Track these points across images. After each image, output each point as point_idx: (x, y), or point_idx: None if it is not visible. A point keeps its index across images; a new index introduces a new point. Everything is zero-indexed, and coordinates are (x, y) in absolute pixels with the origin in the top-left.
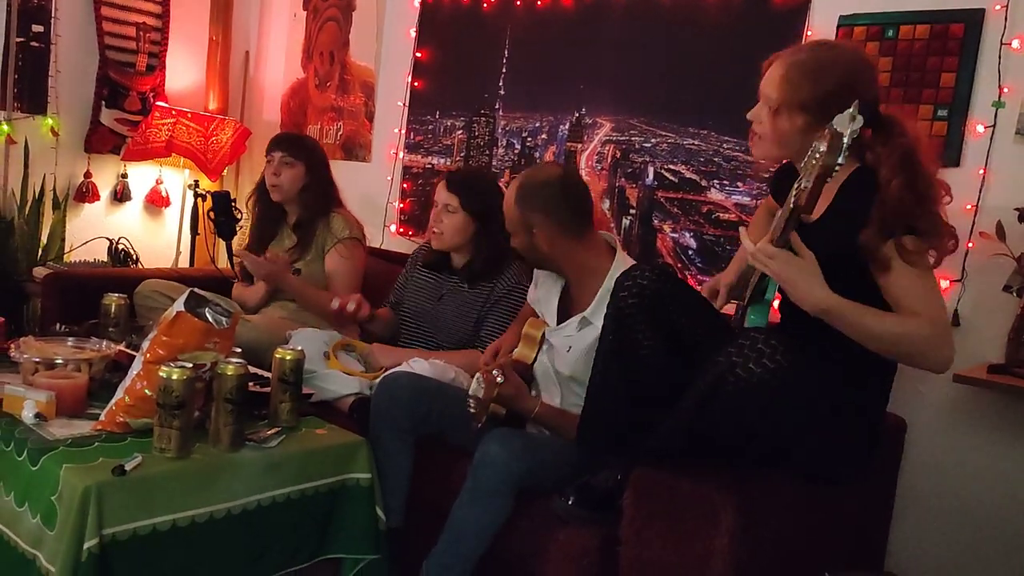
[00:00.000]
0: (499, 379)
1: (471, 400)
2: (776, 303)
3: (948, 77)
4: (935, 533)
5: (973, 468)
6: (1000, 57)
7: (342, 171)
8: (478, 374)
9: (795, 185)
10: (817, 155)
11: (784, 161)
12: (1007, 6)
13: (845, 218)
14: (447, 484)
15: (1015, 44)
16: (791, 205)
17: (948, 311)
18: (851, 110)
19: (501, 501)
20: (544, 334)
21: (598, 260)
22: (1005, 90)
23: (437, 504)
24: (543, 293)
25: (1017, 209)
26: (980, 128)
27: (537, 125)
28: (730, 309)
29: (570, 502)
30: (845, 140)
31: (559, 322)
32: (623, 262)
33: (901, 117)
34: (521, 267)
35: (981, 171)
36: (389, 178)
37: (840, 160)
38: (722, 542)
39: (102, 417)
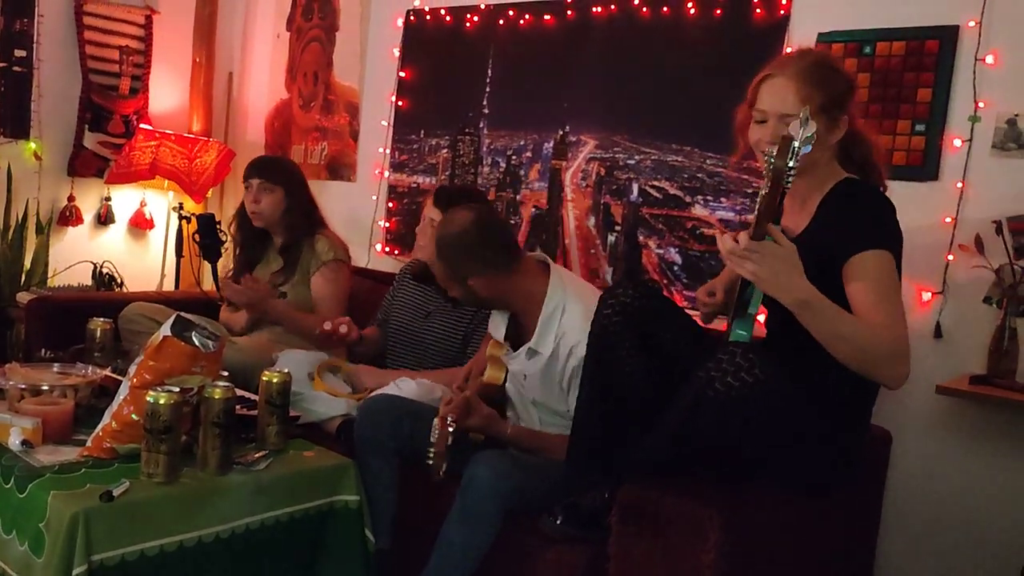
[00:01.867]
0: (451, 427)
1: (429, 452)
2: (761, 317)
3: (925, 92)
4: (922, 544)
5: (958, 478)
6: (975, 72)
7: (327, 191)
8: (435, 420)
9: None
10: (770, 160)
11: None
12: (980, 22)
13: (822, 233)
14: (435, 505)
15: (989, 59)
16: (757, 210)
17: (929, 323)
18: (801, 115)
19: (489, 521)
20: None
21: (534, 285)
22: (980, 104)
23: (426, 525)
24: (492, 324)
25: (995, 222)
26: (957, 142)
27: (522, 143)
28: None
29: (558, 521)
30: (796, 144)
31: (514, 349)
32: (559, 280)
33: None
34: None
35: (959, 184)
36: (374, 197)
37: (791, 164)
38: (709, 558)
39: (89, 443)
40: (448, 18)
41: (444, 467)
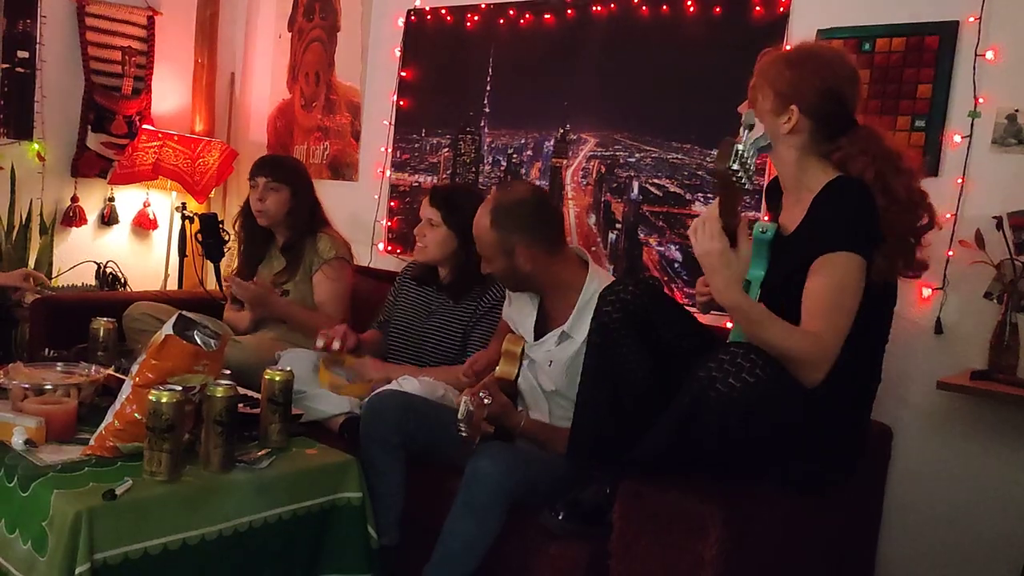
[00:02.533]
0: (487, 400)
1: (462, 424)
2: None
3: (924, 88)
4: (923, 540)
5: (959, 474)
6: (975, 68)
7: (329, 190)
8: (466, 396)
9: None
10: (711, 162)
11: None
12: (980, 18)
13: (808, 231)
14: (439, 501)
15: (989, 55)
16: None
17: (930, 319)
18: (744, 119)
19: (492, 516)
20: (524, 349)
21: (573, 274)
22: (980, 100)
23: (430, 521)
24: (516, 310)
25: (995, 217)
26: (957, 138)
27: (522, 142)
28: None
29: (560, 517)
30: (739, 147)
31: (536, 338)
32: (597, 274)
33: (878, 128)
34: None
35: (959, 180)
36: (376, 196)
37: (734, 166)
38: (711, 554)
39: (92, 442)
40: (449, 18)
41: (479, 440)
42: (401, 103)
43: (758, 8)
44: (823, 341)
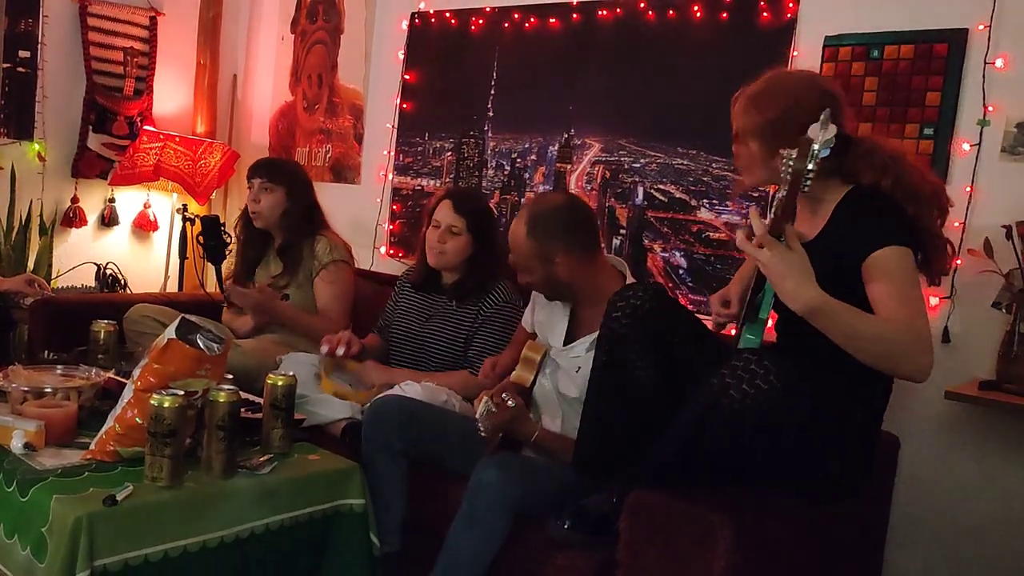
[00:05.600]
0: (510, 402)
1: (480, 425)
2: (771, 323)
3: (933, 96)
4: (930, 550)
5: (966, 484)
6: (984, 76)
7: (331, 193)
8: (486, 397)
9: (776, 196)
10: (790, 162)
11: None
12: (990, 26)
13: (837, 236)
14: (443, 508)
15: (998, 63)
16: (771, 215)
17: (938, 328)
18: (822, 118)
19: (497, 527)
20: (544, 357)
21: (610, 283)
22: (990, 108)
23: (433, 528)
24: (546, 316)
25: (1004, 226)
26: (966, 146)
27: (527, 146)
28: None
29: (566, 526)
30: (815, 147)
31: (566, 344)
32: (633, 280)
33: (876, 136)
34: (510, 285)
35: (968, 189)
36: (378, 200)
37: (810, 166)
38: (719, 564)
39: (92, 446)
40: (453, 21)
41: (498, 440)
42: (404, 106)
43: (765, 14)
44: (919, 322)
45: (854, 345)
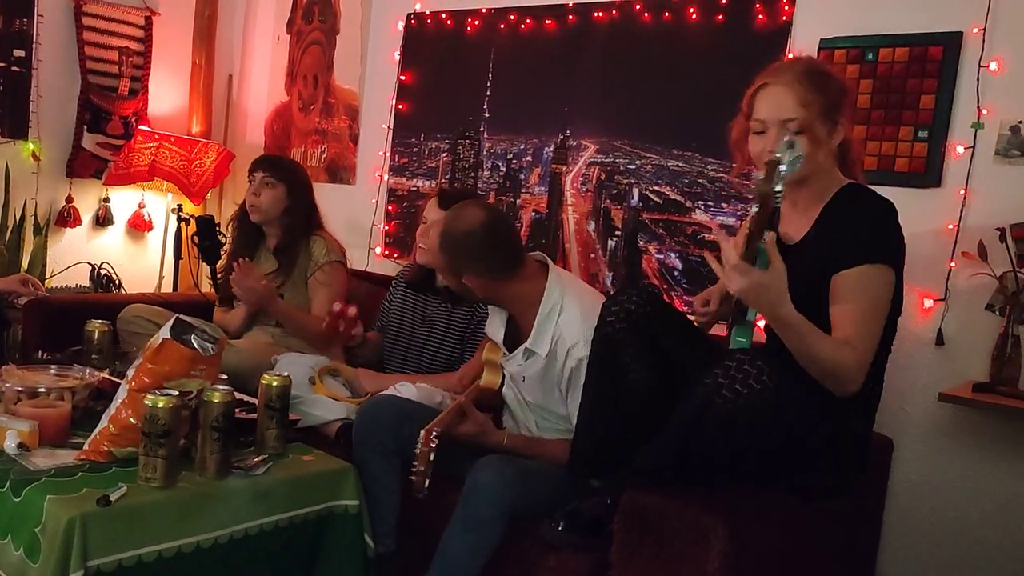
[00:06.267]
0: (434, 443)
1: (413, 465)
2: (761, 323)
3: (928, 99)
4: (923, 551)
5: (959, 486)
6: (978, 79)
7: (326, 194)
8: (421, 433)
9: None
10: (757, 183)
11: None
12: (984, 29)
13: (818, 244)
14: (438, 509)
15: (993, 66)
16: (746, 231)
17: (931, 331)
18: (786, 139)
19: (492, 528)
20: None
21: (533, 288)
22: (984, 111)
23: (428, 529)
24: (490, 323)
25: (998, 229)
26: (960, 149)
27: (522, 147)
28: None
29: (560, 528)
30: (782, 168)
31: (510, 351)
32: (558, 281)
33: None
34: None
35: (962, 191)
36: (374, 200)
37: (778, 188)
38: (713, 565)
39: (86, 446)
40: (449, 22)
41: (427, 483)
42: (400, 107)
43: (760, 17)
44: (860, 352)
45: (806, 361)
